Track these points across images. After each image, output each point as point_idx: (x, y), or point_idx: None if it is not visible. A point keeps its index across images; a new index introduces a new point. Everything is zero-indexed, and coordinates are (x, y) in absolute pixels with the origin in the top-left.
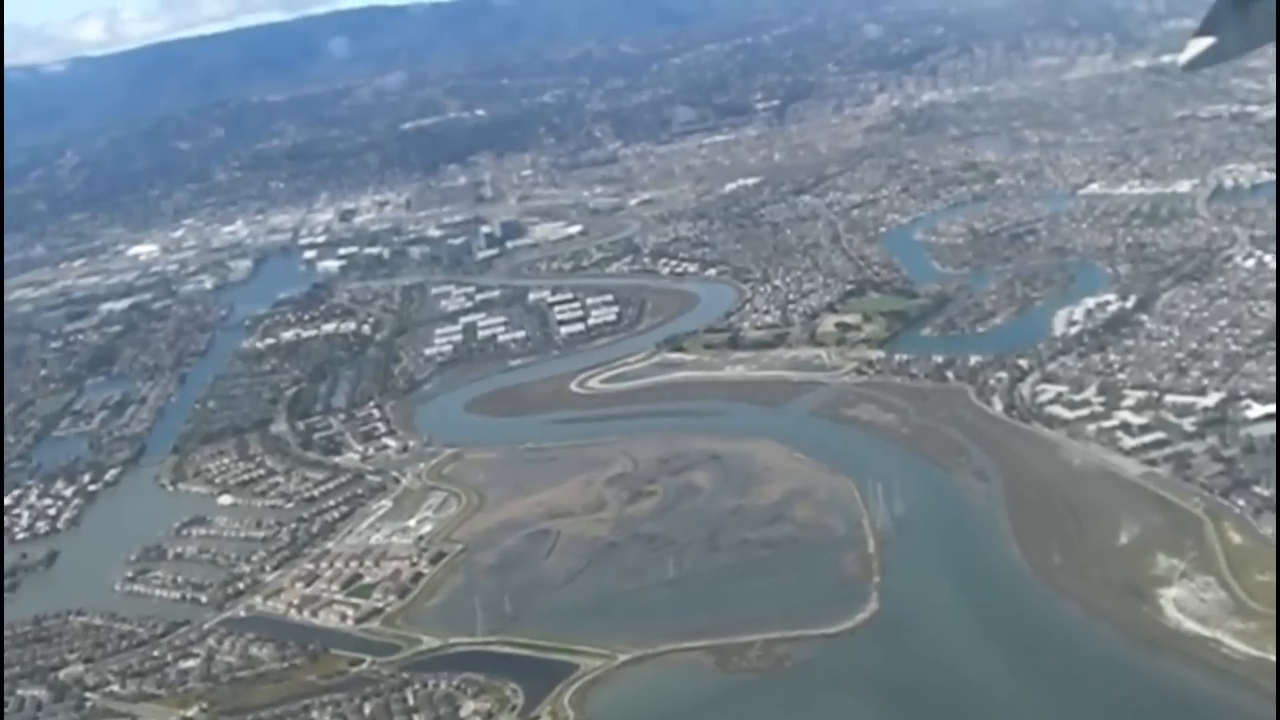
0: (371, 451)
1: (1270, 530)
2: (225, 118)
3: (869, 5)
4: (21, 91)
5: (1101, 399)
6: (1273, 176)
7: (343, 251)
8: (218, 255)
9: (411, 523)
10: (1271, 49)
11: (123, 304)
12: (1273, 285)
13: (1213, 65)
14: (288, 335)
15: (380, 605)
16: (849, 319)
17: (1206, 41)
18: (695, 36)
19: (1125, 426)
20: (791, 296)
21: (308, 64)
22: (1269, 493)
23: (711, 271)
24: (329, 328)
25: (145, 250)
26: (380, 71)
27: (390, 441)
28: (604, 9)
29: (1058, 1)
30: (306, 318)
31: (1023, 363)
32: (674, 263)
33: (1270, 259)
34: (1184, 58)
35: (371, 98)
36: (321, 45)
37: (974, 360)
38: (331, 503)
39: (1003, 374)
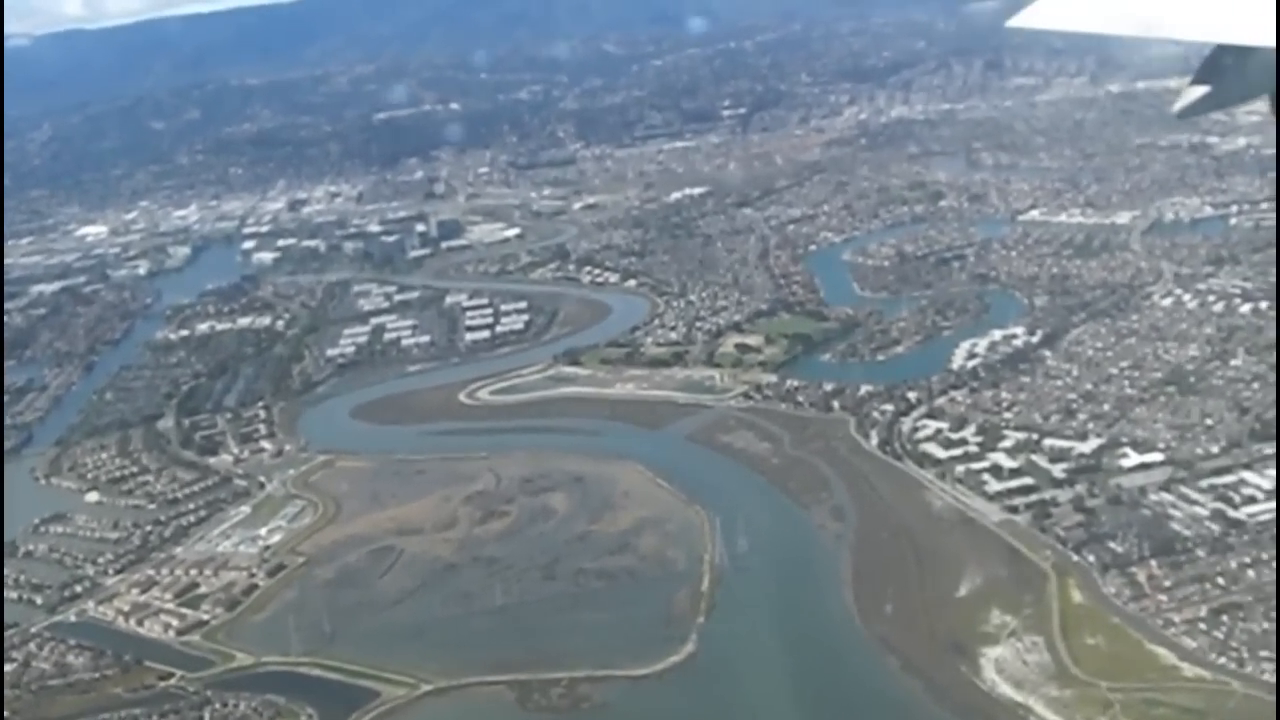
0: (246, 454)
1: (1112, 590)
2: (203, 99)
3: (859, 15)
4: (11, 62)
5: (979, 439)
6: (1214, 211)
7: (281, 243)
8: (161, 240)
9: (263, 531)
10: (1265, 101)
11: (54, 286)
12: (1184, 327)
13: (1206, 114)
14: (203, 327)
15: (206, 617)
16: (750, 340)
17: (1201, 90)
18: (681, 39)
19: (995, 470)
20: (702, 313)
21: (300, 47)
22: (1122, 549)
23: (631, 283)
24: (245, 322)
25: (94, 231)
26: (368, 59)
27: (267, 445)
28: (602, 5)
29: None
30: (226, 310)
31: (912, 395)
32: (597, 272)
33: (1189, 298)
34: (1178, 105)
35: (349, 86)
36: (316, 29)
37: (864, 390)
38: (192, 506)
39: (889, 406)
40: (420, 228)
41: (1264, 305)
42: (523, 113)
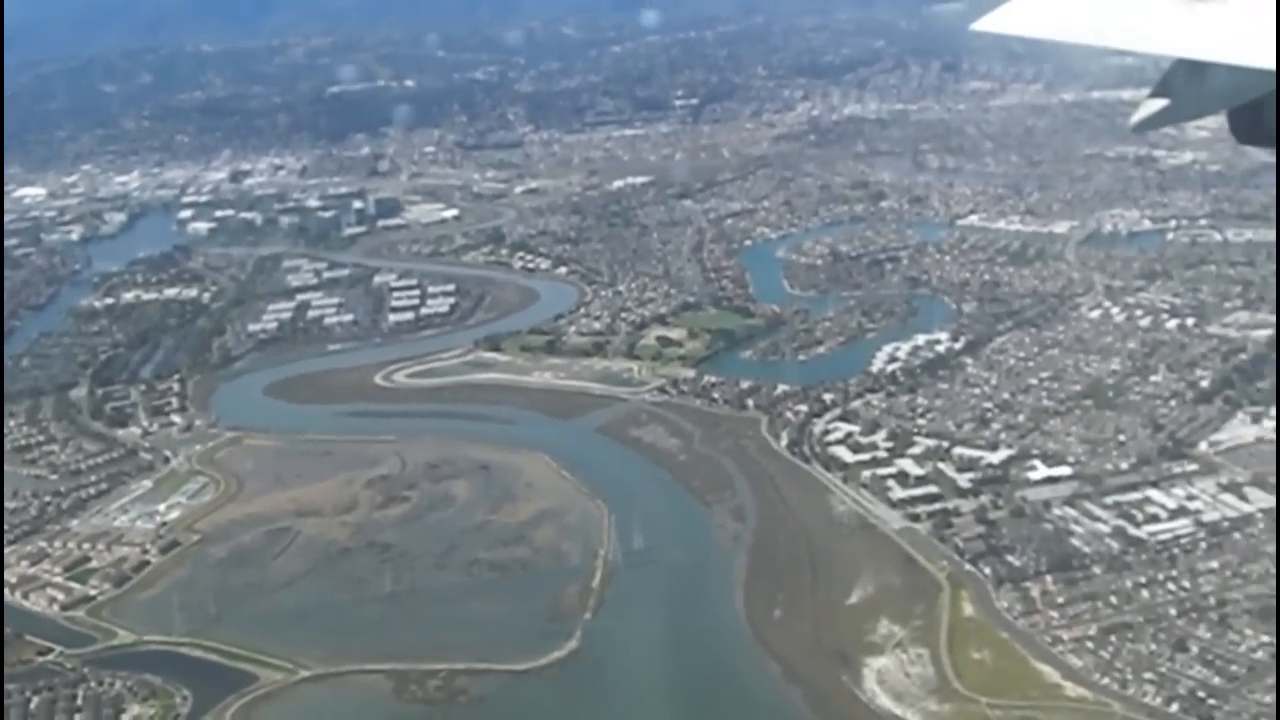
0: (156, 427)
1: (1005, 604)
2: (156, 64)
3: (822, 10)
4: None
5: (889, 444)
6: (1153, 225)
7: (218, 214)
8: (99, 206)
9: (161, 507)
10: (1221, 116)
11: None
12: (1108, 340)
13: (1163, 127)
14: (128, 296)
15: (94, 593)
16: (673, 333)
17: (1159, 103)
18: (641, 26)
19: (901, 476)
20: (629, 304)
21: (260, 17)
22: (1020, 563)
23: (562, 270)
24: (171, 292)
25: (32, 193)
26: (327, 31)
27: (177, 419)
28: None
29: None
30: (154, 280)
31: (828, 397)
32: (530, 257)
33: (1117, 311)
34: (1135, 118)
35: (304, 58)
36: None
37: (780, 390)
38: (94, 479)
39: (803, 407)
40: (358, 205)
41: (1190, 322)
42: (476, 93)
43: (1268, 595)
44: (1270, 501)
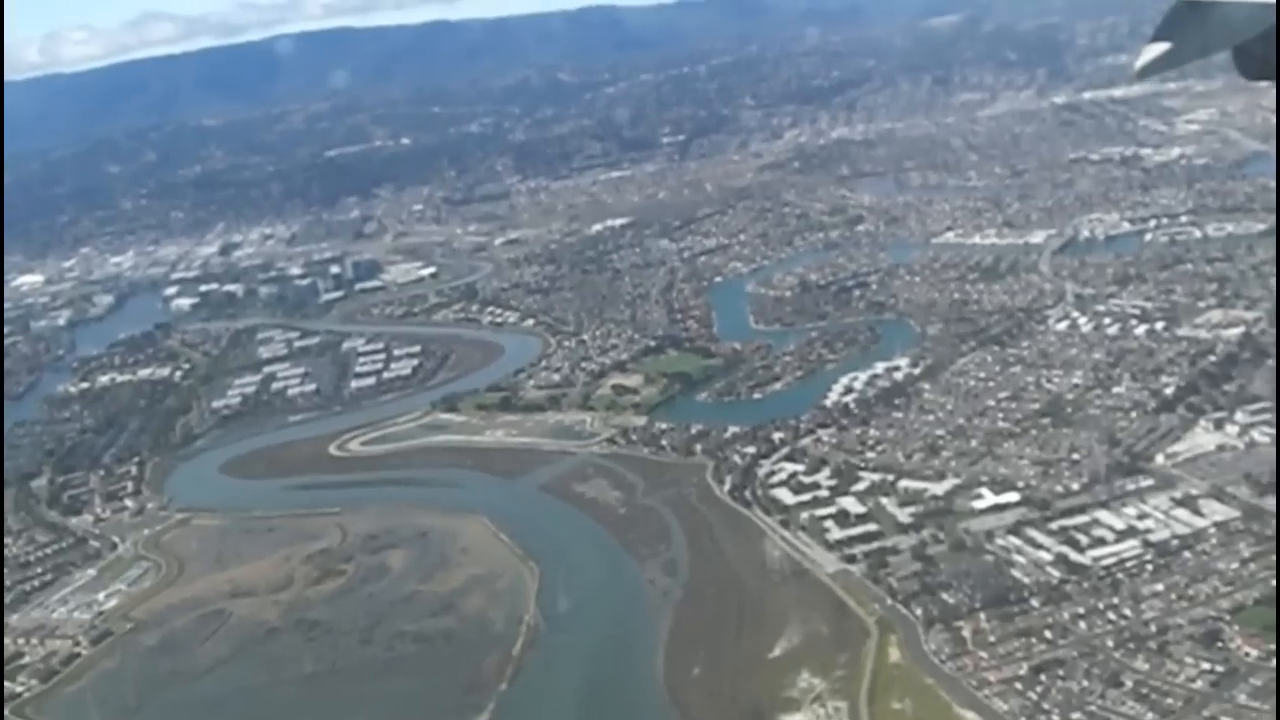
0: (108, 514)
1: (933, 646)
2: (160, 141)
3: (817, 34)
4: None
5: (833, 482)
6: (1131, 227)
7: (203, 289)
8: (90, 289)
9: (101, 596)
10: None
11: None
12: (1074, 352)
13: (1166, 70)
14: (104, 379)
15: (21, 689)
16: (630, 381)
17: (1161, 47)
18: (636, 65)
19: (841, 516)
20: (591, 352)
21: (266, 85)
22: (954, 600)
23: (529, 322)
24: (145, 373)
25: (29, 280)
26: (328, 96)
27: (130, 503)
28: (564, 33)
29: (1002, 34)
30: (130, 361)
31: (778, 436)
32: (499, 311)
33: (1085, 321)
34: (1139, 63)
35: (303, 124)
36: (282, 66)
37: (730, 432)
38: (40, 570)
39: (751, 449)
40: (335, 270)
41: (1159, 326)
42: (469, 146)
43: (1213, 617)
44: (1225, 514)
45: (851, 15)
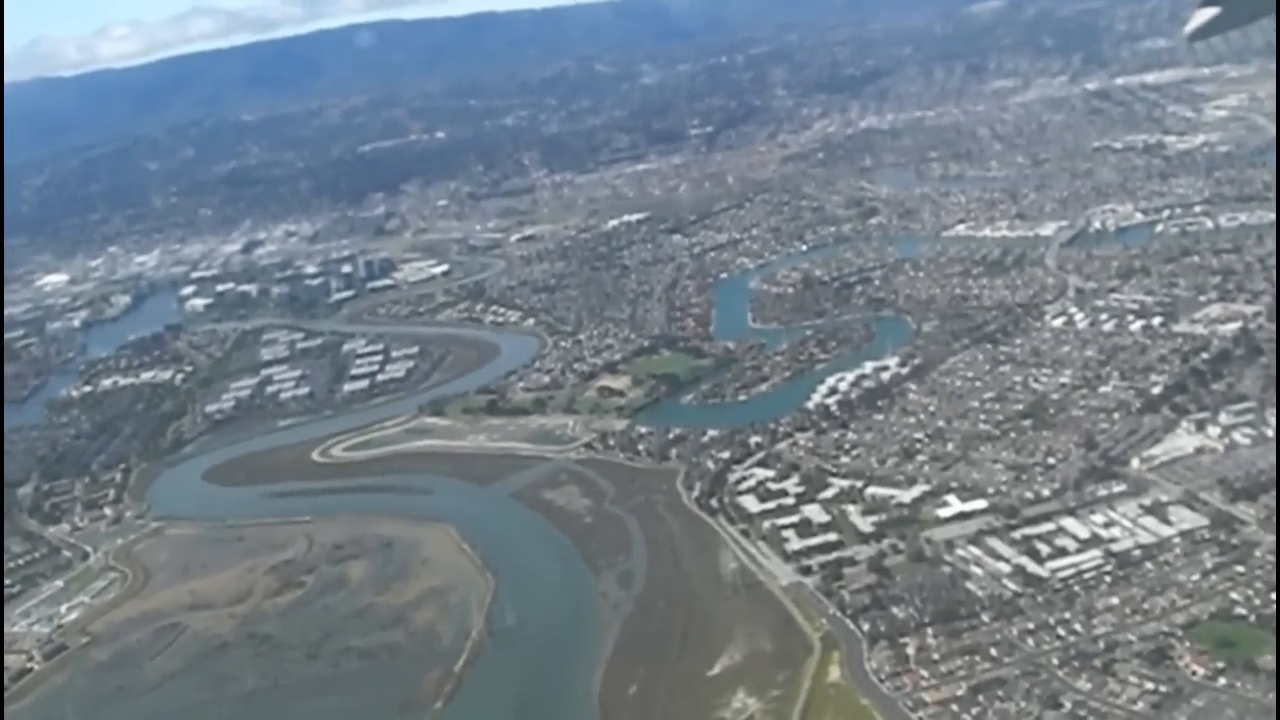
0: (86, 522)
1: (875, 664)
2: (199, 137)
3: (856, 22)
4: (36, 105)
5: (801, 489)
6: (1144, 218)
7: (220, 288)
8: (111, 288)
9: (63, 609)
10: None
11: None
12: (1066, 350)
13: (1218, 34)
14: (106, 383)
15: None
16: (617, 383)
17: (1211, 11)
18: (676, 55)
19: (803, 525)
20: (585, 353)
21: (311, 79)
22: (904, 615)
23: (530, 321)
24: (148, 376)
25: (54, 280)
26: (369, 89)
27: (109, 511)
28: (609, 23)
29: (1040, 20)
30: (136, 363)
31: (755, 440)
32: (502, 310)
33: (1081, 316)
34: (1189, 27)
35: (340, 118)
36: (327, 60)
37: (709, 435)
38: (9, 581)
39: (726, 454)
40: (346, 269)
41: (1156, 321)
42: (502, 140)
43: (1165, 633)
44: (1194, 522)
45: (895, 2)
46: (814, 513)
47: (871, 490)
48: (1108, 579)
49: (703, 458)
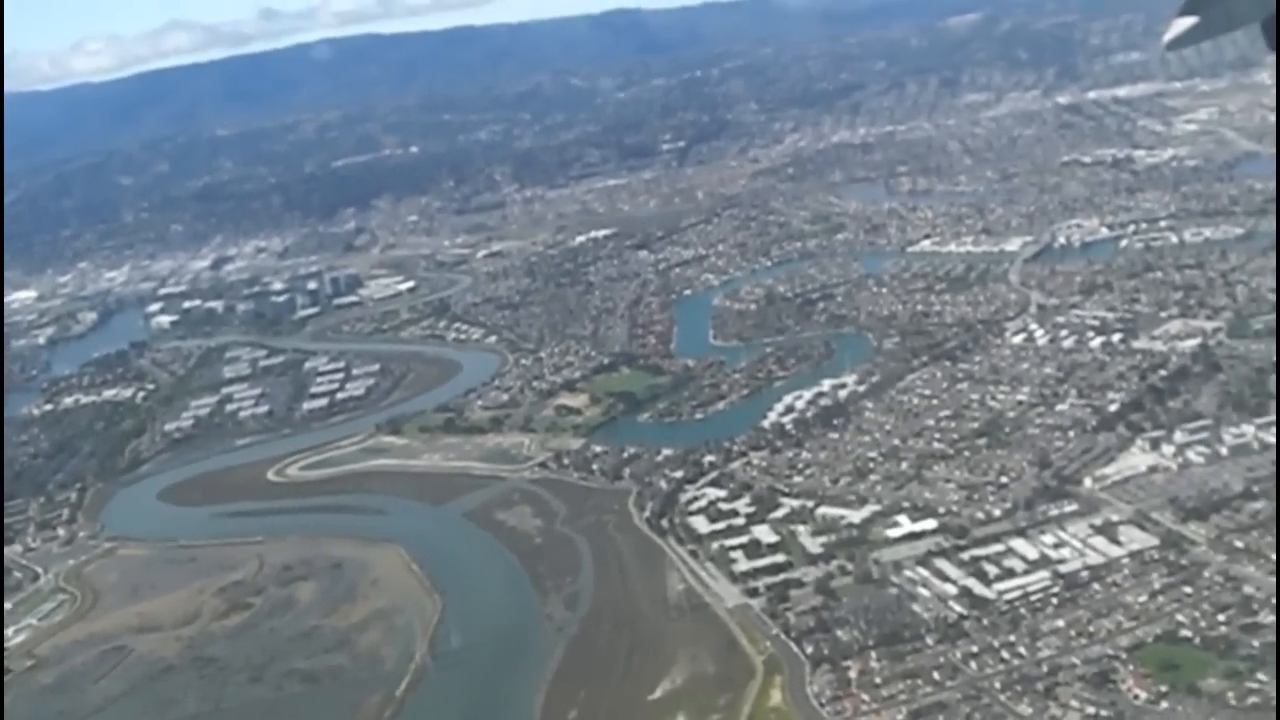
0: (39, 543)
1: (816, 688)
2: (172, 152)
3: (833, 36)
4: (10, 119)
5: (751, 509)
6: (1109, 233)
7: (186, 305)
8: (78, 305)
9: (10, 631)
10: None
11: None
12: (1024, 367)
13: (1195, 44)
14: (68, 401)
15: None
16: (575, 401)
17: (1189, 21)
18: (652, 69)
19: (751, 546)
20: (545, 371)
21: (286, 94)
22: (848, 638)
23: (492, 339)
24: (109, 394)
25: (22, 297)
26: (343, 104)
27: (62, 531)
28: (587, 37)
29: (1015, 34)
30: (98, 381)
31: (709, 459)
32: (465, 328)
33: (1042, 333)
34: (1168, 36)
35: (315, 134)
36: (303, 75)
37: (663, 455)
38: None
39: (679, 473)
40: (311, 286)
41: (1116, 338)
42: (474, 155)
43: (1110, 656)
44: (1144, 542)
45: (872, 16)
46: (763, 533)
47: (822, 510)
48: (1054, 601)
49: (656, 477)
